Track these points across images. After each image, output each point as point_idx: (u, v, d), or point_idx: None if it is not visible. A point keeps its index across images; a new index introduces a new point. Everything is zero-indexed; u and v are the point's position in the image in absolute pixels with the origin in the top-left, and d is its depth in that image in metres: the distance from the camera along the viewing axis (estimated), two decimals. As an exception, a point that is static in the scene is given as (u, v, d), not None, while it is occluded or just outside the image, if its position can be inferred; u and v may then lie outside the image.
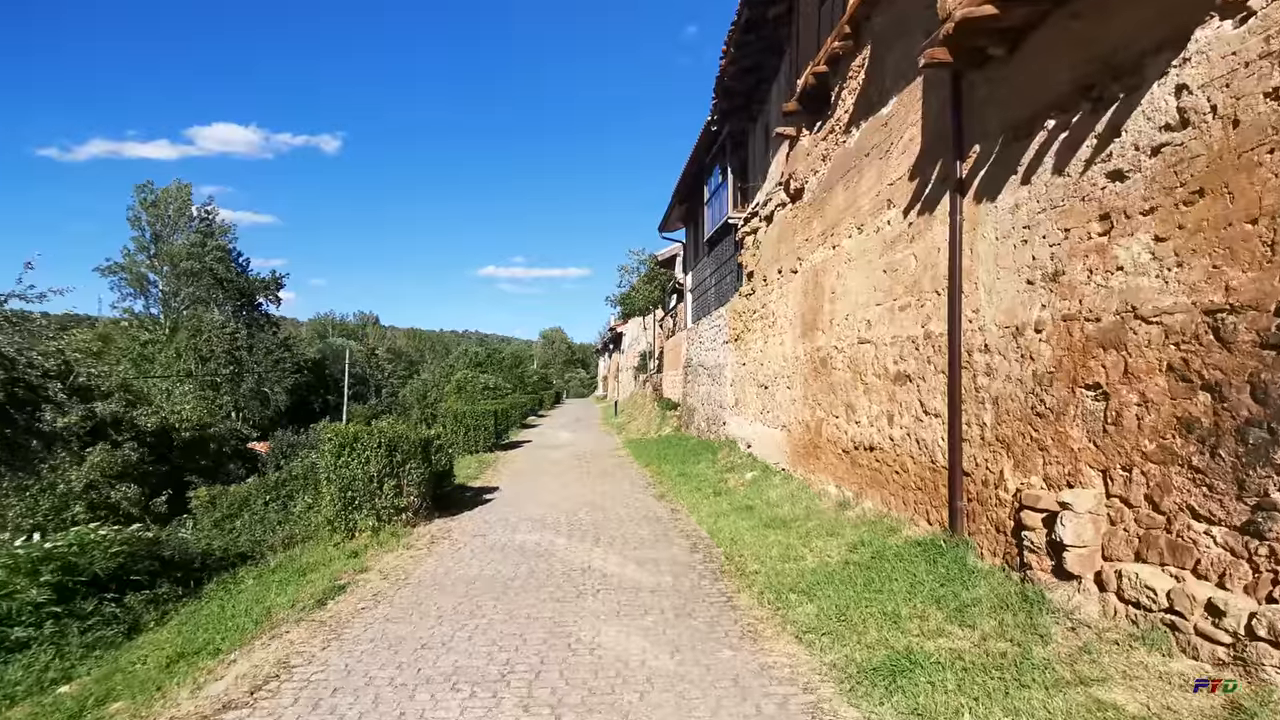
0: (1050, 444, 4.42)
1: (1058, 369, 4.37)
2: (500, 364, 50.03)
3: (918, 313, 6.21)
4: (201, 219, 46.88)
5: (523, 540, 7.29)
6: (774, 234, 11.13)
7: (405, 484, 8.36)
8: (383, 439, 8.22)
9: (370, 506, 8.17)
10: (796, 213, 9.97)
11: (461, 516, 8.92)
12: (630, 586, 5.46)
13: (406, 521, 8.35)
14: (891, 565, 5.20)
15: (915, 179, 6.34)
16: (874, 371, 7.09)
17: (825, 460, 8.41)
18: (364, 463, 8.13)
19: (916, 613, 4.25)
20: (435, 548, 7.05)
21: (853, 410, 7.62)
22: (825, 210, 8.75)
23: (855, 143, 7.86)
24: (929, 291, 6.03)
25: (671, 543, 7.02)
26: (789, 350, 10.00)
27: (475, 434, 17.42)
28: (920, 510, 6.07)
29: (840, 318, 8.05)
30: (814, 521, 7.01)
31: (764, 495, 8.83)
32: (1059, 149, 4.44)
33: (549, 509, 9.29)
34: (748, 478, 10.22)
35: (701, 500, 9.22)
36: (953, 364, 5.49)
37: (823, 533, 6.52)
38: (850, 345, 7.72)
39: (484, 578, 5.79)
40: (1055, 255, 4.44)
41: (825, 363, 8.48)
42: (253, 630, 4.77)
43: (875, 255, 7.15)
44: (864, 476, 7.27)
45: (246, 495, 11.39)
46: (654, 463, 13.58)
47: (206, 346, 35.71)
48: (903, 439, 6.43)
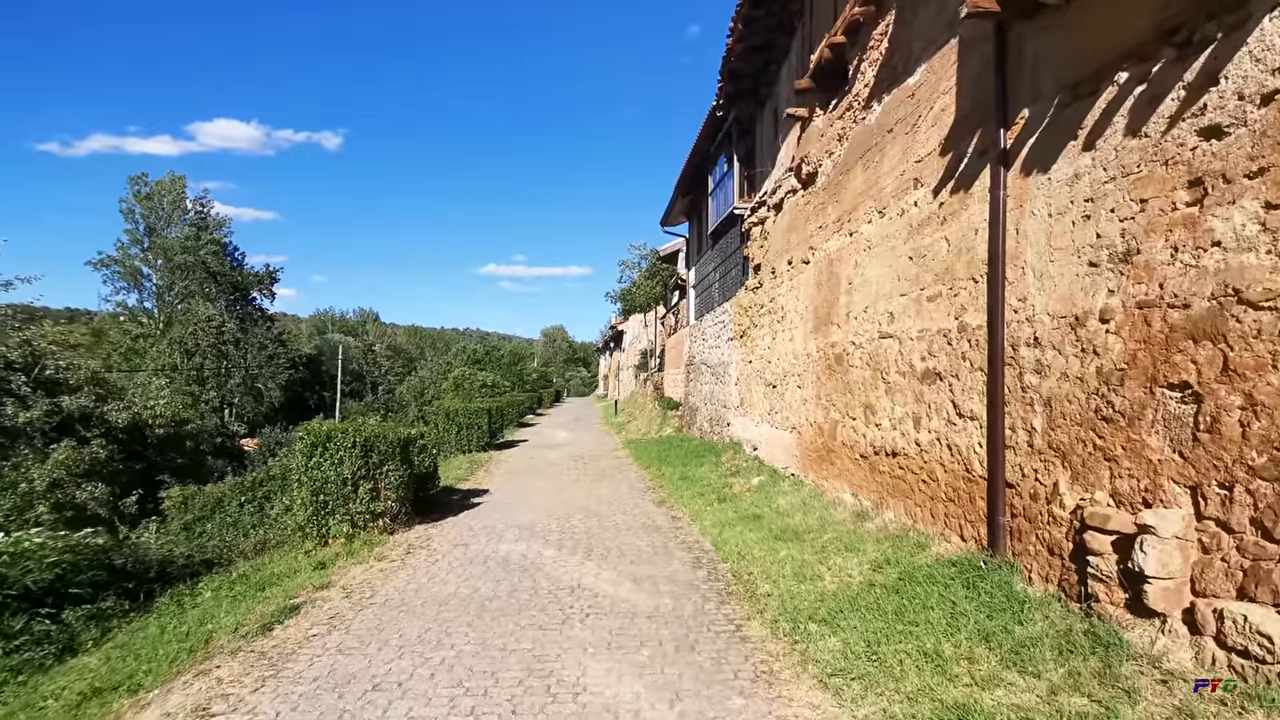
0: (1120, 454, 3.75)
1: (1131, 365, 3.70)
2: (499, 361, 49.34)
3: (950, 303, 5.54)
4: (196, 212, 46.22)
5: (508, 552, 6.62)
6: (783, 223, 10.46)
7: (382, 487, 7.70)
8: (357, 438, 7.55)
9: (344, 511, 7.51)
10: (809, 199, 9.29)
11: (445, 523, 8.26)
12: (625, 610, 4.79)
13: (384, 528, 7.69)
14: (924, 589, 4.53)
15: (948, 154, 5.66)
16: (897, 369, 6.42)
17: (840, 465, 7.73)
18: (337, 464, 7.47)
19: (963, 652, 3.58)
20: (410, 559, 6.38)
21: (872, 412, 6.95)
22: (841, 194, 8.07)
23: (876, 119, 7.18)
24: (964, 279, 5.36)
25: (672, 556, 6.35)
26: (799, 347, 9.33)
27: (468, 433, 16.75)
28: (952, 524, 5.39)
29: (858, 311, 7.37)
30: (830, 534, 6.34)
31: (773, 503, 8.15)
32: (1134, 106, 3.76)
33: (540, 515, 8.62)
34: (754, 483, 9.55)
35: (705, 507, 8.55)
36: (993, 360, 4.81)
37: (840, 547, 5.85)
38: (870, 340, 7.04)
39: (459, 597, 5.12)
40: (1128, 231, 3.77)
41: (841, 360, 7.81)
42: (185, 661, 4.10)
43: (899, 241, 6.48)
44: (885, 485, 6.60)
45: (221, 496, 10.72)
46: (654, 465, 12.91)
47: (192, 340, 34.94)
48: (931, 444, 5.76)
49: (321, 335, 73.10)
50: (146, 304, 46.53)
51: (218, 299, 40.68)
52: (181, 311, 38.28)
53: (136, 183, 47.50)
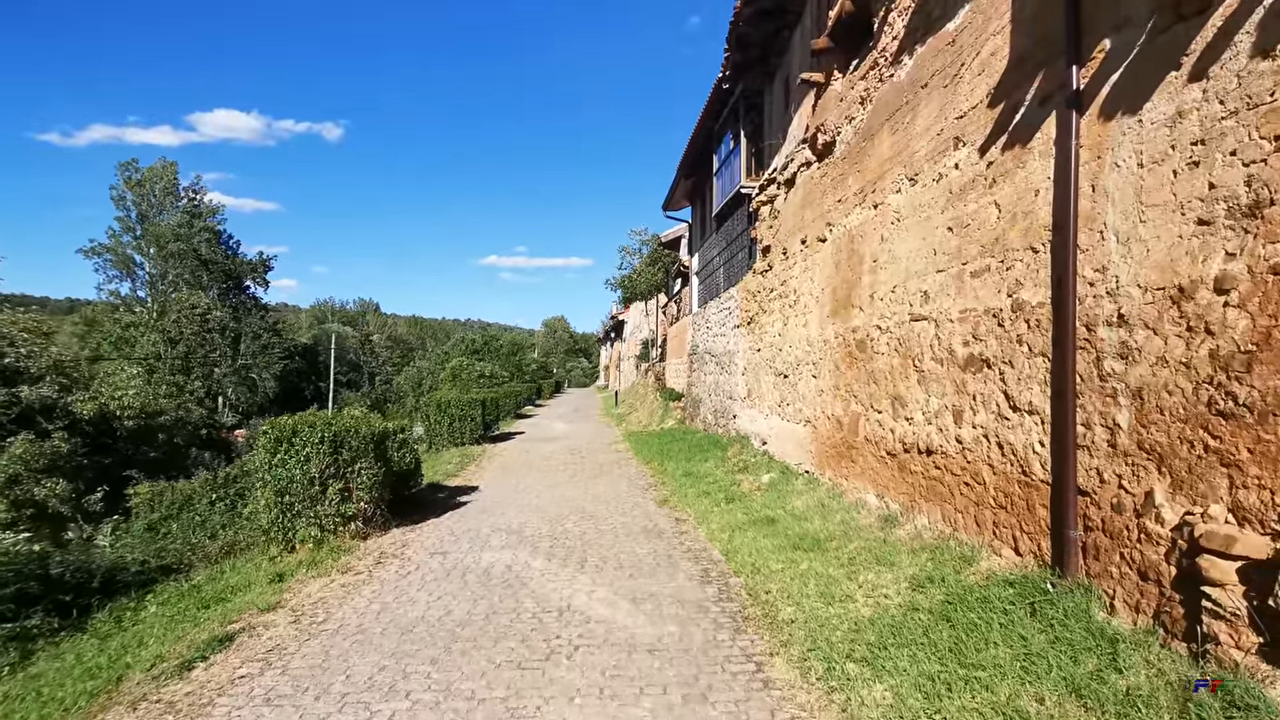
0: (1245, 458, 2.97)
1: (1263, 345, 2.92)
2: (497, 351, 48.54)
3: (1000, 278, 4.75)
4: (189, 198, 45.29)
5: (491, 562, 5.86)
6: (796, 199, 9.64)
7: (354, 487, 6.94)
8: (325, 433, 6.80)
9: (312, 515, 6.76)
10: (826, 171, 8.48)
11: (425, 526, 7.51)
12: (622, 641, 4.04)
13: (356, 533, 6.94)
14: (981, 617, 3.77)
15: (999, 104, 4.86)
16: (933, 356, 5.63)
17: (863, 463, 6.96)
18: (303, 462, 6.72)
19: (1049, 710, 2.82)
20: (380, 571, 5.63)
21: (901, 404, 6.17)
22: (864, 163, 7.26)
23: (907, 74, 6.36)
24: (1019, 249, 4.57)
25: (677, 568, 5.59)
26: (814, 333, 8.54)
27: (461, 425, 16.00)
28: (1003, 535, 4.63)
29: (885, 291, 6.58)
30: (856, 543, 5.57)
31: (787, 504, 7.39)
32: (1265, 18, 2.96)
33: (531, 516, 7.87)
34: (764, 480, 8.79)
35: (712, 508, 7.79)
36: (1061, 343, 4.04)
37: (870, 559, 5.09)
38: (898, 324, 6.26)
39: (427, 622, 4.36)
40: (1256, 178, 2.97)
41: (864, 346, 7.02)
42: (82, 709, 3.35)
43: (936, 210, 5.68)
44: (917, 486, 5.83)
45: (190, 494, 9.97)
46: (655, 459, 12.15)
47: (175, 328, 34.07)
48: (977, 441, 4.98)
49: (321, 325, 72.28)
50: (140, 293, 45.72)
51: (210, 287, 39.79)
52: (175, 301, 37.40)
53: (127, 168, 46.55)
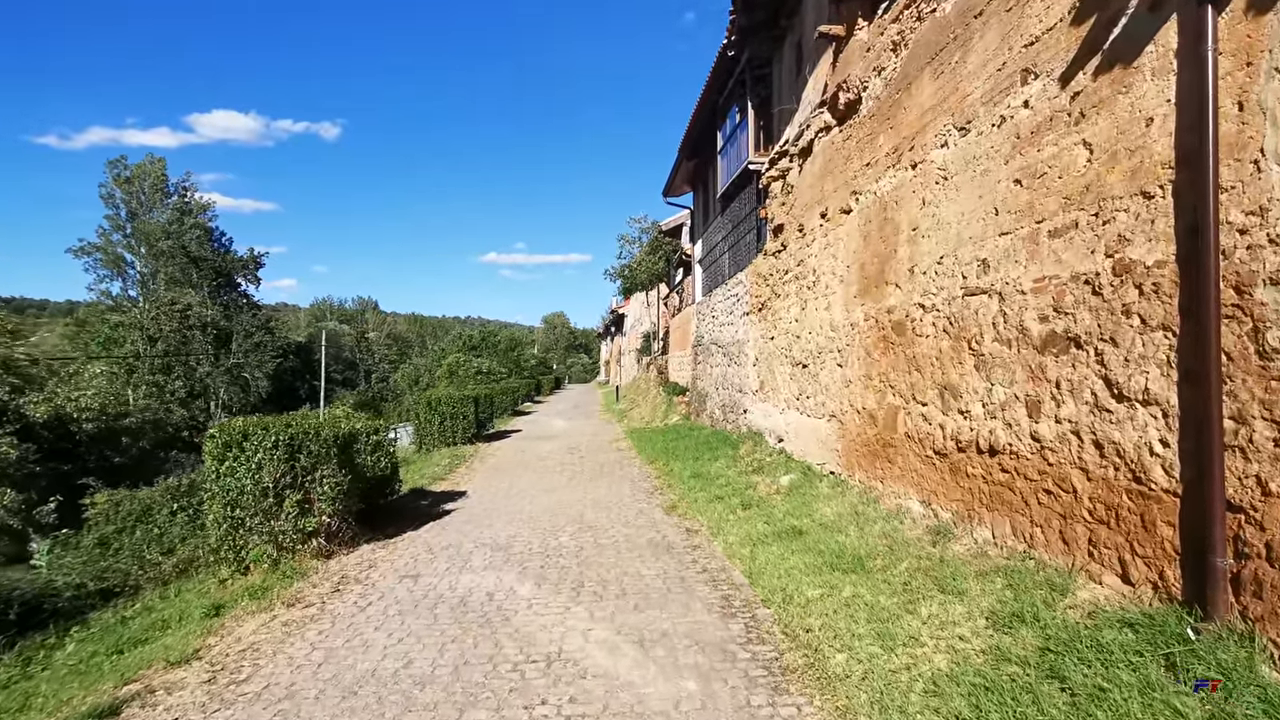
0: None
1: None
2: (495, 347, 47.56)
3: (1094, 235, 3.80)
4: (179, 195, 44.32)
5: (470, 588, 4.93)
6: (814, 169, 8.67)
7: (315, 498, 6.01)
8: (280, 436, 5.86)
9: (266, 531, 5.84)
10: (850, 133, 7.51)
11: (400, 541, 6.58)
12: (626, 708, 3.11)
13: (318, 551, 6.01)
14: (1104, 676, 2.84)
15: (1088, 19, 3.90)
16: (997, 336, 4.69)
17: (903, 464, 6.02)
18: (254, 470, 5.78)
19: None
20: (335, 602, 4.70)
21: (953, 394, 5.23)
22: (898, 117, 6.31)
23: (955, 5, 5.40)
24: (1124, 196, 3.62)
25: (692, 594, 4.65)
26: (839, 316, 7.59)
27: (452, 424, 15.06)
28: (1104, 557, 3.69)
29: (928, 263, 5.63)
30: (906, 562, 4.64)
31: (813, 511, 6.46)
32: None
33: (522, 528, 6.95)
34: (783, 482, 7.85)
35: (726, 515, 6.86)
36: (1199, 312, 3.10)
37: (929, 584, 4.16)
38: (948, 300, 5.31)
39: (378, 679, 3.43)
40: None
41: (902, 328, 6.08)
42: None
43: (997, 161, 4.72)
44: (976, 492, 4.89)
45: (149, 504, 9.05)
46: (660, 458, 11.22)
47: (154, 325, 33.06)
48: (1062, 439, 4.04)
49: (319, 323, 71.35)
50: (131, 292, 44.80)
51: (200, 285, 38.81)
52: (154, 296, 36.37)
53: (116, 166, 45.65)
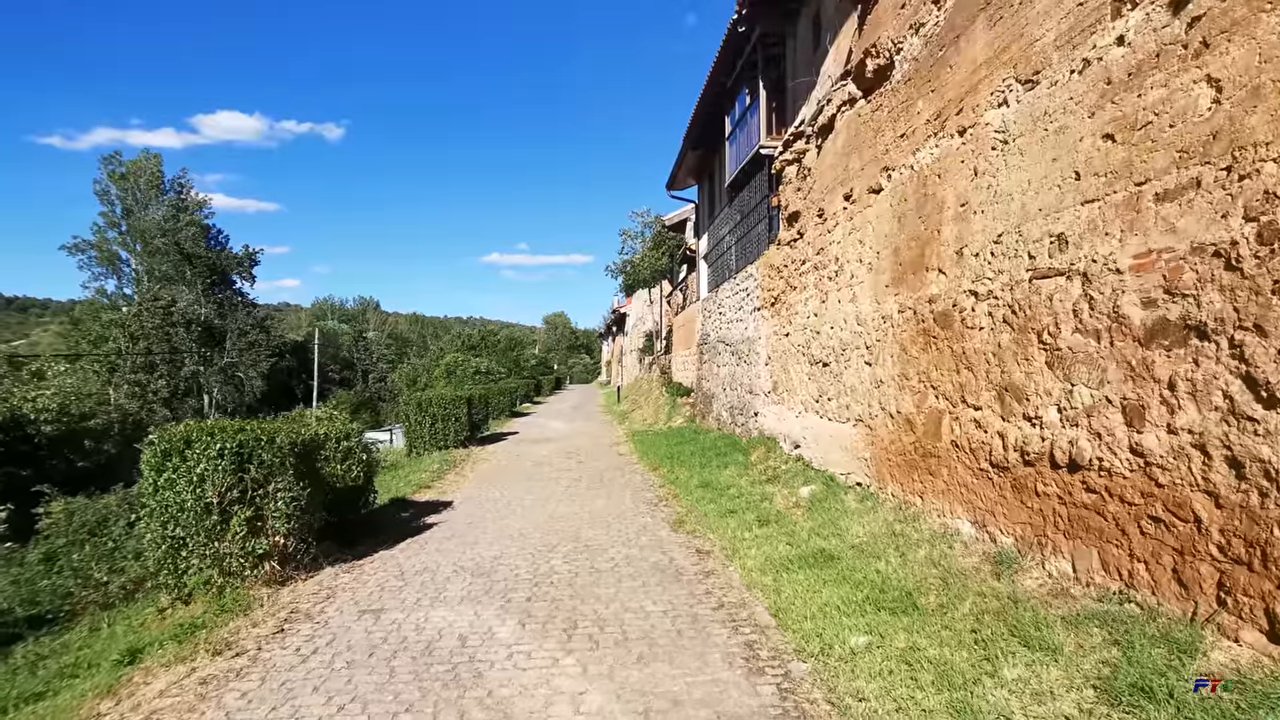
0: None
1: None
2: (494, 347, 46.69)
3: (1226, 195, 2.98)
4: (175, 192, 43.56)
5: (440, 628, 4.11)
6: (836, 147, 7.85)
7: (269, 515, 5.19)
8: (226, 444, 5.04)
9: (209, 554, 5.02)
10: (880, 103, 6.69)
11: (369, 563, 5.76)
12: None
13: (270, 576, 5.19)
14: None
15: (1214, -78, 3.08)
16: (1079, 326, 3.86)
17: (949, 477, 5.19)
18: (196, 483, 4.97)
19: None
20: (271, 649, 3.87)
21: (1017, 396, 4.40)
22: (942, 78, 5.49)
23: (1017, -63, 4.57)
24: (1271, 141, 2.80)
25: (707, 641, 3.82)
26: (867, 308, 6.77)
27: (444, 426, 14.23)
28: (1244, 607, 2.86)
29: (982, 243, 4.81)
30: (967, 601, 3.81)
31: (841, 529, 5.63)
32: None
33: (509, 547, 6.13)
34: (803, 494, 7.02)
35: (741, 534, 6.03)
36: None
37: (1005, 633, 3.33)
38: (1009, 285, 4.48)
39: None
40: None
41: (947, 320, 5.25)
42: None
43: (1078, 114, 3.90)
44: (1050, 515, 4.06)
45: (106, 514, 8.26)
46: (664, 464, 10.40)
47: (136, 323, 32.20)
48: (1177, 454, 3.21)
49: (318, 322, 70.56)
50: (127, 290, 44.07)
51: (194, 282, 38.01)
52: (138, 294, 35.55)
53: (110, 162, 44.95)
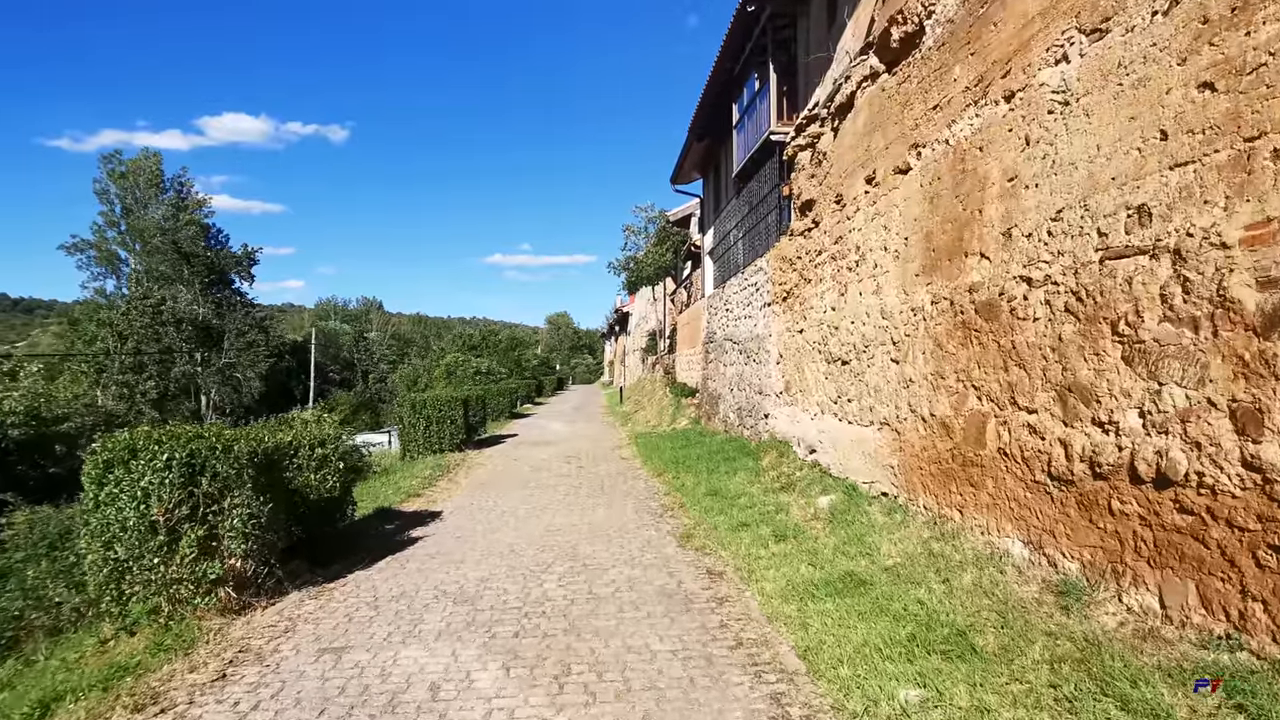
0: None
1: None
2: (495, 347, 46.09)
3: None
4: (175, 191, 43.07)
5: (409, 673, 3.51)
6: (856, 127, 7.22)
7: (223, 534, 4.59)
8: (175, 453, 4.44)
9: (157, 578, 4.42)
10: (907, 74, 6.07)
11: (340, 586, 5.15)
12: None
13: (225, 604, 4.59)
14: None
15: None
16: (1168, 313, 3.23)
17: (995, 489, 4.56)
18: (140, 499, 4.37)
19: None
20: (204, 704, 3.26)
21: (1083, 397, 3.77)
22: (983, 39, 4.86)
23: None
24: None
25: (726, 694, 3.20)
26: (893, 300, 6.14)
27: (439, 428, 13.63)
28: None
29: (1036, 221, 4.18)
30: (1036, 644, 3.18)
31: (870, 547, 5.01)
32: None
33: (499, 566, 5.52)
34: (822, 505, 6.40)
35: (757, 551, 5.41)
36: None
37: (1094, 692, 2.71)
38: (1073, 268, 3.86)
39: None
40: None
41: (993, 310, 4.62)
42: None
43: (1164, 63, 3.28)
44: (1129, 538, 3.43)
45: (67, 526, 7.66)
46: (669, 470, 9.78)
47: (125, 322, 31.63)
48: (1311, 471, 2.58)
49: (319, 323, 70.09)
50: (126, 290, 43.58)
51: (191, 282, 37.48)
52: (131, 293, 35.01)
53: (110, 161, 44.47)
